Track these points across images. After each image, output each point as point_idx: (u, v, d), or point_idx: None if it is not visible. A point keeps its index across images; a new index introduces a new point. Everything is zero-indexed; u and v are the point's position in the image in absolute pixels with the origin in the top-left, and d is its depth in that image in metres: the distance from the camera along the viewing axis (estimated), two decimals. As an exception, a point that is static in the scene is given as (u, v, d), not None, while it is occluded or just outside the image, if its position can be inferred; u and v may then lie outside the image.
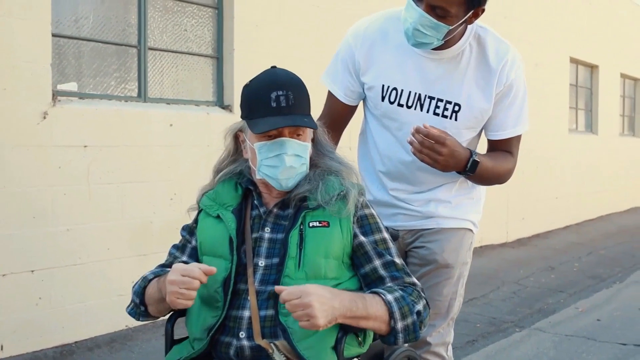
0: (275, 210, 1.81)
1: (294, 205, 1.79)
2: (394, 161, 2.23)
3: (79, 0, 4.11)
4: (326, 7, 5.44)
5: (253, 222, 1.80)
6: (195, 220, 1.90)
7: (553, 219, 9.34)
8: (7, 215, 3.64)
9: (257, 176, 1.80)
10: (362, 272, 1.80)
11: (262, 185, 1.84)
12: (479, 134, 2.24)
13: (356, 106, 2.33)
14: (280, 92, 1.72)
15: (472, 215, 2.30)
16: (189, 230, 1.91)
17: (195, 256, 1.86)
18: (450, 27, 1.92)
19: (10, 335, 3.66)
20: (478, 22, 2.05)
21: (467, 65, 2.08)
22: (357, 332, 1.74)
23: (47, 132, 3.77)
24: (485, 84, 2.08)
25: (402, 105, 2.13)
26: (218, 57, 4.86)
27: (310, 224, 1.75)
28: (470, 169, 2.03)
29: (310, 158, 1.84)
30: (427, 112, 2.11)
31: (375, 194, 2.33)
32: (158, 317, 1.85)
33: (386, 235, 1.84)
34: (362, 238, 1.79)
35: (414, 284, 1.79)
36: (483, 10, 1.96)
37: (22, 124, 3.67)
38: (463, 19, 1.92)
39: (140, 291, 1.80)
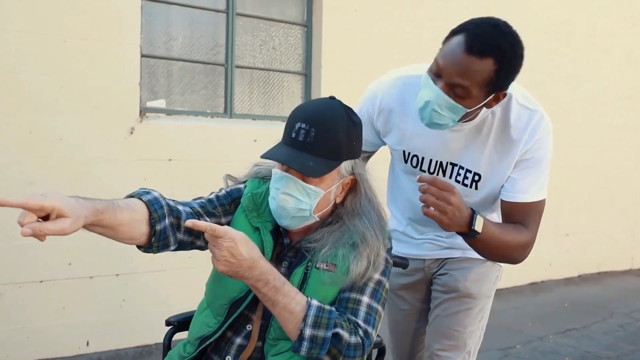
0: (297, 246, 1.71)
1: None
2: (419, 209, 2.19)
3: (169, 23, 4.36)
4: (415, 25, 5.36)
5: (280, 252, 1.73)
6: (235, 206, 1.76)
7: (691, 246, 8.49)
8: (96, 223, 3.93)
9: None
10: None
11: None
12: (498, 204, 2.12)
13: (377, 150, 2.29)
14: (303, 125, 1.60)
15: None
16: (224, 210, 1.76)
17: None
18: (469, 110, 1.78)
19: (95, 333, 3.97)
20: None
21: (489, 134, 1.95)
22: None
23: (134, 146, 4.04)
24: (506, 154, 1.95)
25: (424, 171, 2.07)
26: (306, 74, 4.96)
27: (318, 265, 1.64)
28: (477, 227, 1.80)
29: (344, 206, 1.71)
30: (450, 178, 2.03)
31: (404, 229, 2.31)
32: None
33: (377, 276, 1.67)
34: (355, 279, 1.65)
35: (356, 323, 1.60)
36: (505, 95, 1.82)
37: (111, 139, 3.97)
38: (482, 103, 1.79)
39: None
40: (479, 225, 1.79)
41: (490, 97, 1.78)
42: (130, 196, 1.68)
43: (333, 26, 4.91)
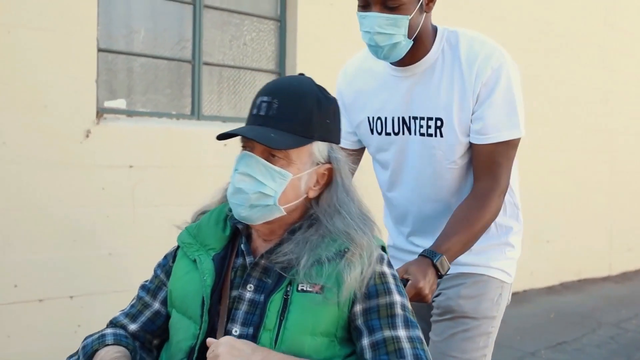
0: (263, 261, 1.43)
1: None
2: (405, 204, 2.04)
3: (130, 14, 4.05)
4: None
5: (235, 275, 1.45)
6: (174, 257, 1.55)
7: (668, 251, 8.43)
8: (46, 238, 3.53)
9: None
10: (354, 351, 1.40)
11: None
12: None
13: (358, 155, 2.13)
14: (265, 99, 1.41)
15: (499, 262, 2.00)
16: (166, 270, 1.56)
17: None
18: (410, 16, 1.76)
19: (46, 364, 3.52)
20: (450, 27, 1.90)
21: (442, 74, 1.87)
22: None
23: (91, 151, 3.66)
24: (462, 91, 1.84)
25: (389, 134, 1.97)
26: (280, 73, 4.67)
27: (300, 287, 1.37)
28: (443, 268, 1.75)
29: (319, 204, 1.45)
30: (415, 134, 1.93)
31: (394, 239, 2.13)
32: None
33: (397, 298, 1.40)
34: (359, 306, 1.38)
35: None
36: None
37: (64, 143, 3.58)
38: (418, 5, 1.78)
39: (90, 352, 1.47)
40: (444, 265, 1.74)
41: None
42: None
43: (309, 21, 4.66)
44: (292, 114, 1.40)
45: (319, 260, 1.36)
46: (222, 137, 1.42)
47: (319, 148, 1.43)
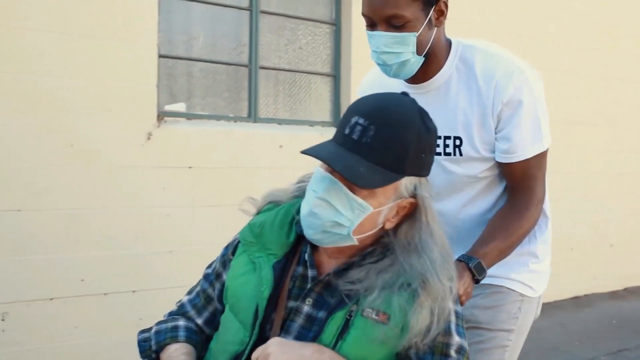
0: (328, 278, 1.36)
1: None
2: None
3: (189, 21, 4.15)
4: (454, 23, 5.03)
5: (294, 285, 1.39)
6: (234, 250, 1.50)
7: None
8: (110, 235, 3.68)
9: None
10: None
11: None
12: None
13: None
14: (361, 120, 1.29)
15: (520, 274, 1.90)
16: (224, 261, 1.52)
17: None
18: (417, 33, 1.70)
19: (109, 354, 3.69)
20: (465, 41, 1.84)
21: (458, 91, 1.80)
22: None
23: (152, 152, 3.79)
24: (482, 109, 1.78)
25: None
26: (335, 76, 4.69)
27: (365, 312, 1.30)
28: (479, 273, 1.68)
29: (397, 236, 1.37)
30: (436, 154, 1.82)
31: None
32: None
33: (455, 340, 1.34)
34: (415, 339, 1.32)
35: None
36: (446, 4, 1.74)
37: (127, 145, 3.72)
38: (426, 21, 1.72)
39: (162, 344, 1.48)
40: (481, 269, 1.68)
41: (431, 12, 1.72)
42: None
43: (363, 25, 4.60)
44: (388, 147, 1.29)
45: (389, 298, 1.30)
46: (306, 152, 1.32)
47: (406, 183, 1.34)
